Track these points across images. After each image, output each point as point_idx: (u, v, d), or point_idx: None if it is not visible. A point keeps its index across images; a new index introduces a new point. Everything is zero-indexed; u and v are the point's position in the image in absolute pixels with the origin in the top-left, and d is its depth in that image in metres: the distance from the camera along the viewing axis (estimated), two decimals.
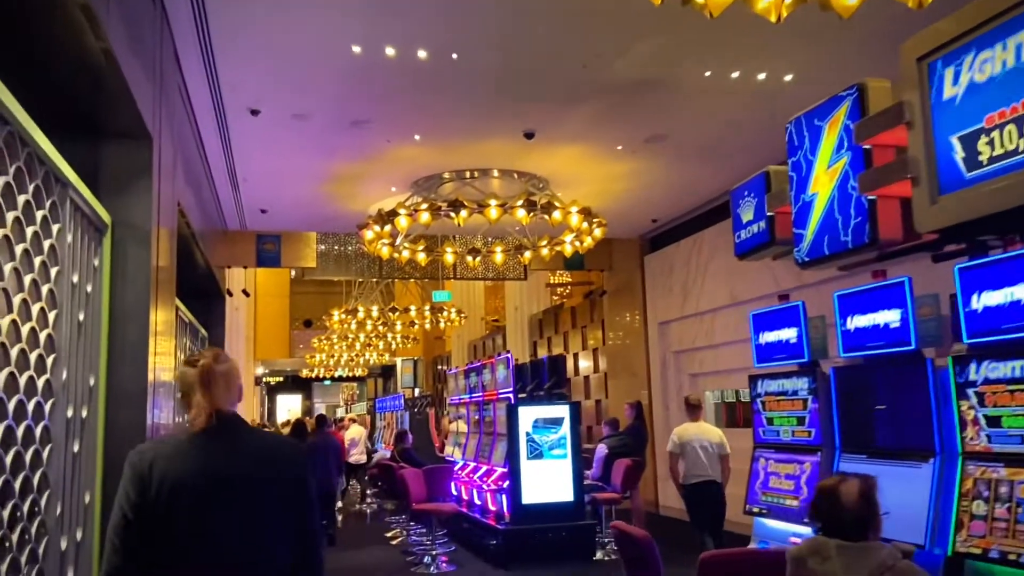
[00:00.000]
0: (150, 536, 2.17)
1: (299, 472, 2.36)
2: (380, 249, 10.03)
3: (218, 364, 2.36)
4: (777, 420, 4.95)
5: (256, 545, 2.23)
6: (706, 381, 11.78)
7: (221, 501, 2.21)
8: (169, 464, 2.23)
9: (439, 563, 7.89)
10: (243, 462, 2.29)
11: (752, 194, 5.13)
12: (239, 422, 2.39)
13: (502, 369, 8.52)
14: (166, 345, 5.85)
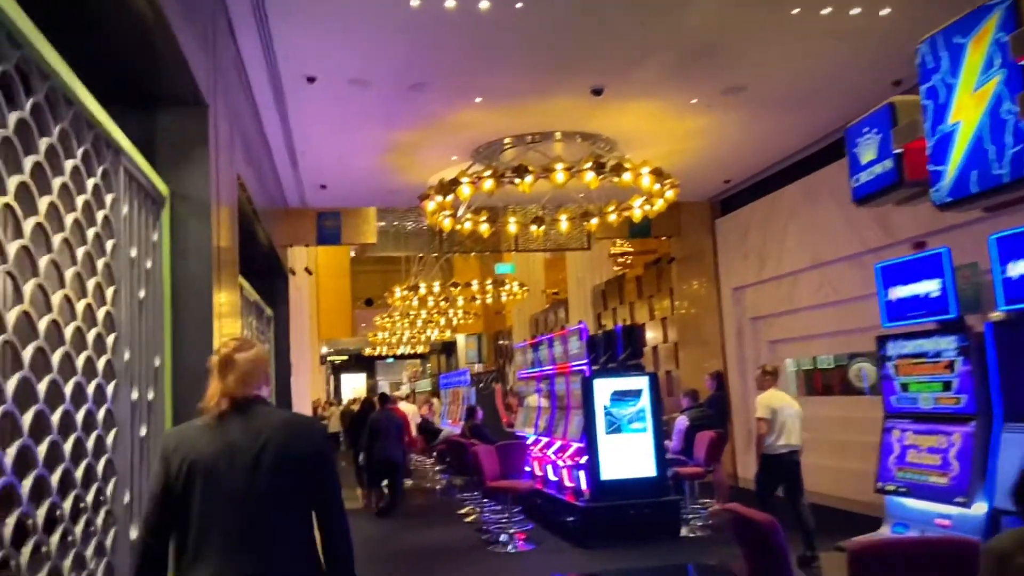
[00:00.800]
0: (175, 511, 2.34)
1: (315, 446, 2.47)
2: (442, 221, 9.73)
3: (238, 352, 2.51)
4: (915, 386, 4.40)
5: (269, 516, 2.35)
6: (786, 348, 11.19)
7: (234, 473, 2.34)
8: (188, 445, 2.40)
9: (516, 542, 7.62)
10: (256, 439, 2.39)
11: (874, 130, 4.57)
12: (256, 403, 2.49)
13: (575, 341, 8.13)
14: (232, 324, 5.63)
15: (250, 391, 2.50)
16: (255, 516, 2.35)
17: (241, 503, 2.34)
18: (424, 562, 7.47)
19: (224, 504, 2.34)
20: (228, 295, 5.49)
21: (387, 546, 8.23)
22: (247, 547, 2.33)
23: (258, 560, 2.33)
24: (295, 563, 2.38)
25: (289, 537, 2.38)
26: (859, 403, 9.69)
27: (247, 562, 2.32)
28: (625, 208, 9.82)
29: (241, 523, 2.34)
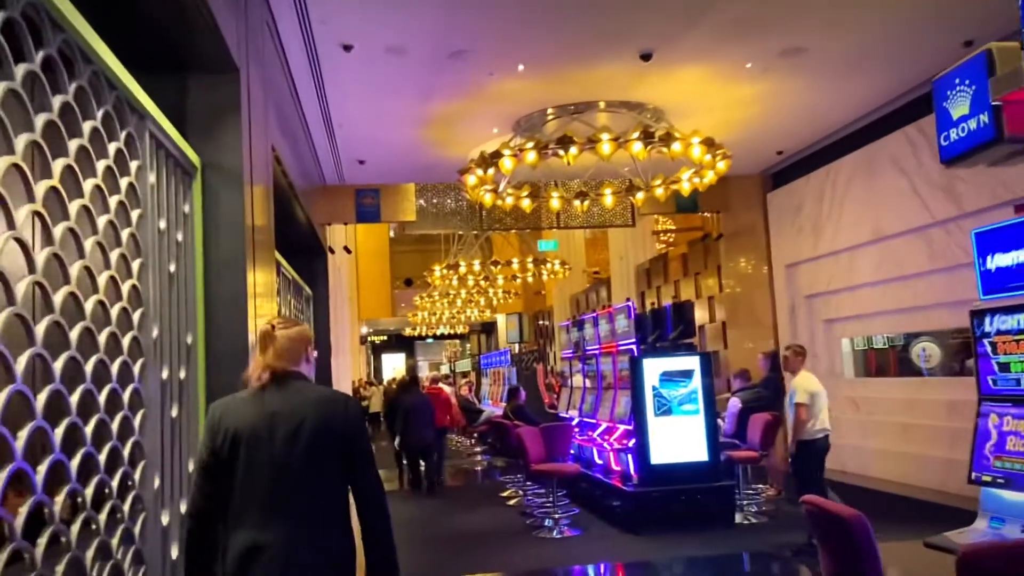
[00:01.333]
0: (222, 479, 2.46)
1: (349, 422, 2.56)
2: (483, 196, 9.42)
3: (278, 330, 2.66)
4: (1016, 366, 3.97)
5: (305, 486, 2.45)
6: (842, 327, 10.72)
7: (272, 443, 2.46)
8: (232, 415, 2.53)
9: (561, 527, 7.37)
10: (293, 411, 2.51)
11: (967, 82, 4.14)
12: (296, 378, 2.61)
13: (622, 319, 7.80)
14: (268, 303, 5.43)
15: (289, 366, 2.62)
16: (292, 485, 2.46)
17: (279, 471, 2.46)
18: (467, 546, 7.27)
19: (264, 472, 2.46)
20: (264, 271, 5.28)
21: (429, 529, 8.05)
22: (283, 514, 2.44)
23: (293, 526, 2.43)
24: (327, 532, 2.47)
25: (323, 507, 2.48)
26: (921, 385, 9.21)
27: (282, 528, 2.42)
28: (673, 181, 9.40)
29: (279, 491, 2.45)
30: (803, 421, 6.21)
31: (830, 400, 10.85)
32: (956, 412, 8.43)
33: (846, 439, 10.26)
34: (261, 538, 2.41)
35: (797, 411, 6.20)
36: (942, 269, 8.51)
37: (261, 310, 5.08)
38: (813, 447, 6.25)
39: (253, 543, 2.41)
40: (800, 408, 6.20)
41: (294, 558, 2.40)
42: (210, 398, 4.40)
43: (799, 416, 6.20)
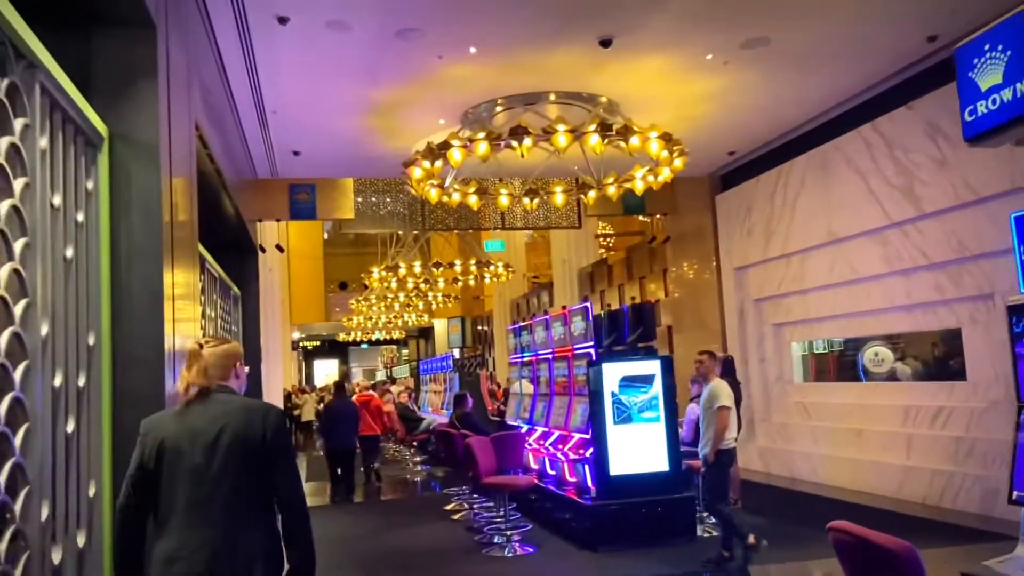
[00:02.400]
0: (148, 489, 2.59)
1: (270, 429, 2.67)
2: (428, 191, 8.89)
3: (205, 348, 2.76)
4: None
5: (225, 493, 2.57)
6: (794, 331, 10.54)
7: (193, 454, 2.59)
8: (158, 429, 2.67)
9: (513, 544, 6.86)
10: (214, 422, 2.63)
11: (1000, 47, 3.78)
12: (221, 393, 2.75)
13: (579, 321, 7.35)
14: (190, 307, 4.77)
15: (213, 382, 2.74)
16: (212, 492, 2.58)
17: (198, 480, 2.58)
18: (410, 567, 6.69)
19: (186, 481, 2.59)
20: (184, 266, 4.63)
21: (366, 547, 7.43)
22: (205, 520, 2.56)
23: (215, 532, 2.55)
24: (247, 534, 2.59)
25: (241, 511, 2.60)
26: (875, 390, 9.06)
27: (204, 534, 2.55)
28: (626, 180, 9.05)
29: (200, 498, 2.57)
30: (725, 428, 5.92)
31: (779, 405, 10.75)
32: (911, 418, 8.28)
33: (795, 445, 10.07)
34: (183, 543, 2.54)
35: (719, 416, 5.88)
36: (897, 272, 8.36)
37: (182, 313, 4.44)
38: (728, 456, 6.03)
39: (176, 548, 2.54)
40: (723, 413, 5.90)
41: (214, 561, 2.54)
42: (118, 409, 3.75)
43: (721, 422, 5.89)
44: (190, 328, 4.72)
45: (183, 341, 4.46)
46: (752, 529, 6.17)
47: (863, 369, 9.42)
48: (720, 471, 6.04)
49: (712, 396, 5.96)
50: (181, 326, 4.42)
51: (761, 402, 10.73)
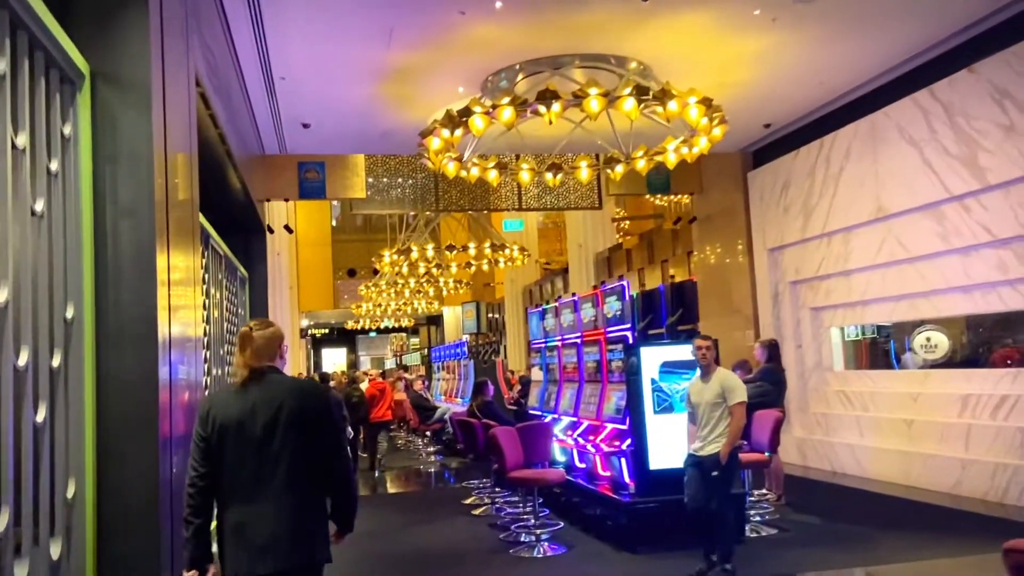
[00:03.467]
0: (213, 461, 2.85)
1: (321, 407, 2.96)
2: (445, 165, 8.29)
3: (256, 331, 3.00)
4: None
5: (286, 460, 2.84)
6: (834, 315, 9.92)
7: (254, 430, 2.85)
8: (219, 409, 2.91)
9: (543, 544, 6.30)
10: (272, 401, 2.88)
11: None
12: (272, 372, 2.99)
13: (614, 301, 6.76)
14: (187, 292, 4.20)
15: (264, 362, 2.96)
16: (273, 465, 2.82)
17: (261, 454, 2.83)
18: (432, 569, 6.14)
19: (247, 455, 2.83)
20: (183, 245, 4.05)
21: (384, 546, 6.89)
22: (266, 491, 2.81)
23: (275, 502, 2.81)
24: (304, 501, 2.85)
25: (300, 482, 2.85)
26: (927, 377, 8.44)
27: (266, 504, 2.81)
28: (657, 153, 8.44)
29: (261, 471, 2.82)
30: (742, 427, 5.29)
31: (817, 394, 10.14)
32: (969, 407, 7.68)
33: (837, 437, 9.48)
34: (247, 513, 2.80)
35: (737, 413, 5.20)
36: (955, 250, 7.74)
37: (181, 299, 3.88)
38: (737, 457, 5.34)
39: (241, 518, 2.80)
40: (743, 409, 5.24)
41: (281, 525, 2.79)
42: (103, 396, 3.18)
43: (741, 419, 5.23)
44: (190, 315, 4.16)
45: (183, 328, 3.91)
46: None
47: (912, 355, 8.80)
48: (730, 473, 5.35)
49: (728, 388, 5.22)
50: (181, 314, 3.86)
51: (797, 391, 10.13)
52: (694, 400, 5.38)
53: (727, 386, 5.25)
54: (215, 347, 6.83)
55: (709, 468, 5.16)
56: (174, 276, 3.68)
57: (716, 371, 5.37)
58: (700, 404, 5.31)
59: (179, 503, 3.58)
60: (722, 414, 5.22)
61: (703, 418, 5.27)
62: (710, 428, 5.24)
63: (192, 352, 4.18)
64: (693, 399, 5.39)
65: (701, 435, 5.28)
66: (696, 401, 5.35)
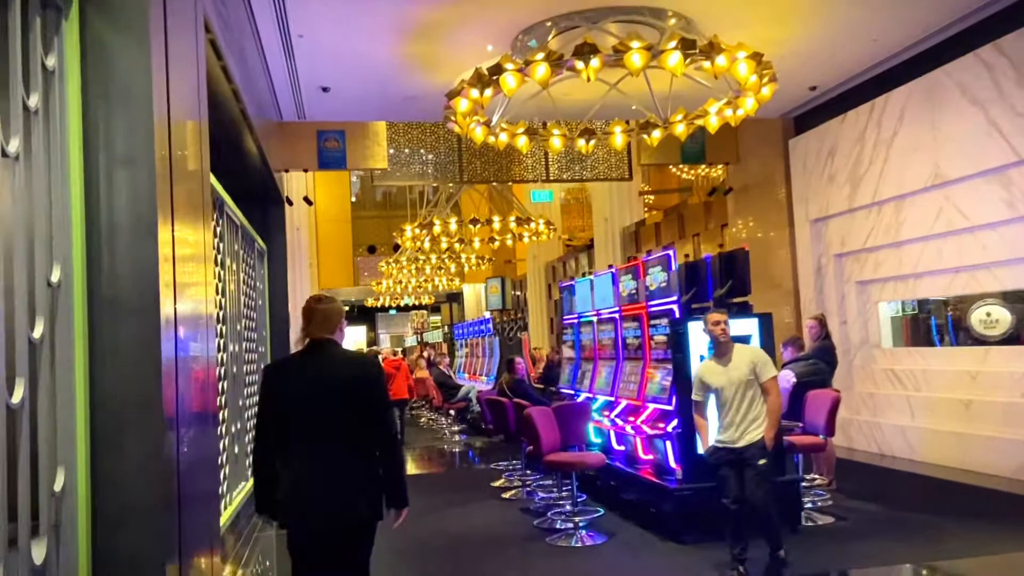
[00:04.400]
0: (277, 422, 3.13)
1: (373, 376, 3.23)
2: (473, 129, 7.80)
3: (318, 304, 3.27)
4: None
5: (342, 424, 3.13)
6: (883, 289, 9.36)
7: (317, 398, 3.12)
8: (283, 376, 3.24)
9: (581, 533, 5.88)
10: (330, 370, 3.17)
11: None
12: (331, 345, 3.25)
13: (658, 272, 6.27)
14: (196, 269, 3.78)
15: (327, 334, 3.24)
16: (330, 429, 3.12)
17: (320, 419, 3.12)
18: (464, 557, 5.74)
19: (308, 420, 3.12)
20: (190, 217, 3.62)
21: (411, 532, 6.50)
22: (324, 453, 3.11)
23: (332, 463, 3.12)
24: (359, 463, 3.16)
25: (354, 443, 3.15)
26: (988, 355, 7.89)
27: (323, 464, 3.11)
28: (697, 116, 7.91)
29: (321, 432, 3.12)
30: (780, 401, 4.76)
31: (864, 372, 9.61)
32: None
33: (885, 418, 8.97)
34: (306, 472, 3.11)
35: (773, 389, 4.66)
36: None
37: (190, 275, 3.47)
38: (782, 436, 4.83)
39: (302, 473, 3.11)
40: (775, 384, 4.69)
41: (333, 484, 3.10)
42: (97, 372, 2.77)
43: (775, 394, 4.68)
44: (200, 293, 3.74)
45: (192, 299, 3.50)
46: None
47: (971, 331, 8.25)
48: (774, 461, 4.85)
49: (760, 363, 4.65)
50: (190, 279, 3.44)
51: (842, 369, 9.54)
52: (715, 384, 4.72)
53: (758, 361, 4.70)
54: (231, 322, 6.45)
55: (752, 459, 4.59)
56: (179, 236, 3.26)
57: (735, 348, 4.80)
58: (725, 387, 4.68)
59: (189, 490, 3.19)
60: (756, 394, 4.66)
61: (731, 403, 4.66)
62: (744, 412, 4.65)
63: (203, 327, 3.76)
64: (713, 383, 4.73)
65: (732, 422, 4.65)
66: (718, 385, 4.70)
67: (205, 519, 3.68)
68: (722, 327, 4.71)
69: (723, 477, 4.69)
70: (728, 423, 4.69)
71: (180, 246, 3.27)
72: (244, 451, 6.81)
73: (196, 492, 3.40)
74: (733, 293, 6.04)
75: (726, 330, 4.72)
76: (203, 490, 3.63)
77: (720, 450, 4.72)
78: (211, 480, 3.83)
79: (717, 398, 4.75)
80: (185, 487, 3.12)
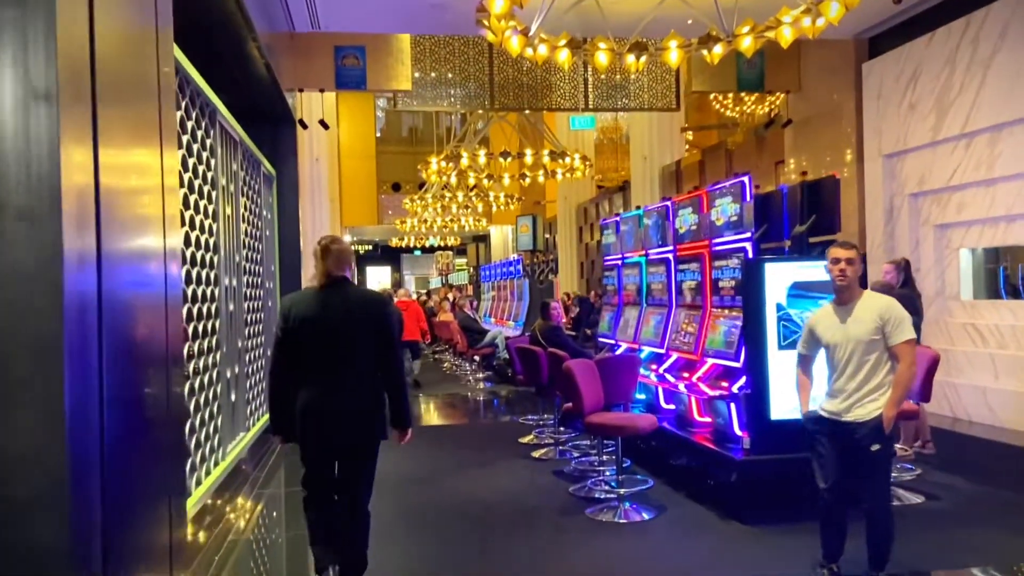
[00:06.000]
0: (291, 351, 3.51)
1: (382, 311, 3.61)
2: (508, 38, 6.78)
3: (332, 244, 3.58)
4: None
5: (354, 353, 3.51)
6: (966, 233, 8.29)
7: (328, 326, 3.51)
8: (300, 307, 3.55)
9: (626, 506, 5.06)
10: (345, 305, 3.55)
11: None
12: (344, 281, 3.60)
13: (728, 204, 5.27)
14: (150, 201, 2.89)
15: (340, 272, 3.58)
16: (342, 356, 3.50)
17: (333, 346, 3.49)
18: (493, 528, 4.94)
19: (322, 346, 3.48)
20: (139, 119, 2.71)
21: (430, 496, 5.75)
22: (336, 376, 3.49)
23: (343, 384, 3.50)
24: (365, 389, 3.54)
25: (362, 372, 3.53)
26: None
27: (335, 385, 3.49)
28: (768, 28, 6.80)
29: (333, 358, 3.49)
30: (914, 373, 3.71)
31: (939, 327, 8.60)
32: None
33: (963, 378, 8.00)
34: (320, 392, 3.47)
35: (903, 354, 3.58)
36: None
37: (129, 206, 2.58)
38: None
39: (315, 396, 3.47)
40: (910, 350, 3.60)
41: (342, 406, 3.48)
42: None
43: (909, 363, 3.58)
44: (151, 225, 2.85)
45: (135, 217, 2.63)
46: None
47: None
48: (893, 446, 3.89)
49: (893, 320, 3.58)
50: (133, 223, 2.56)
51: None
52: (827, 339, 3.72)
53: (889, 317, 3.58)
54: (228, 253, 5.60)
55: (862, 440, 3.58)
56: (112, 162, 2.36)
57: (863, 296, 3.73)
58: (840, 344, 3.67)
59: (114, 474, 2.35)
60: (880, 359, 3.60)
61: (844, 365, 3.65)
62: (861, 380, 3.61)
63: (158, 258, 2.90)
64: (825, 337, 3.73)
65: (844, 389, 3.64)
66: (832, 340, 3.70)
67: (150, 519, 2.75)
68: (842, 267, 3.66)
69: (820, 455, 3.76)
70: (837, 389, 3.69)
71: (111, 174, 2.38)
72: (243, 398, 6.04)
73: (136, 478, 2.57)
74: (818, 230, 5.07)
75: (846, 272, 3.65)
76: (151, 473, 2.79)
77: (822, 420, 3.77)
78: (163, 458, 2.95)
79: (828, 356, 3.76)
80: (113, 470, 2.29)
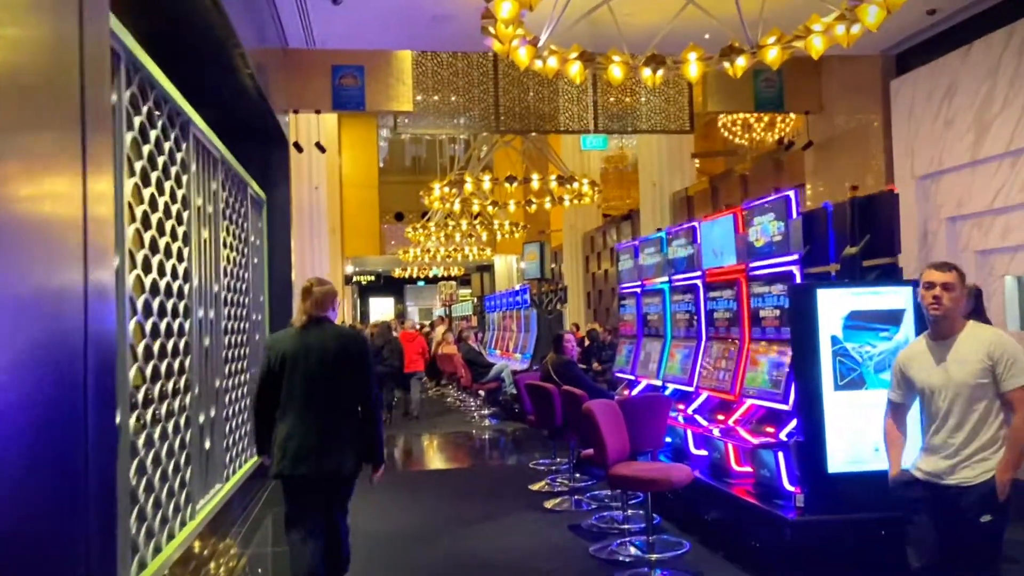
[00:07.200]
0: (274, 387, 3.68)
1: (359, 350, 3.79)
2: (515, 49, 6.24)
3: (315, 287, 3.78)
4: None
5: (333, 392, 3.67)
6: (1011, 260, 7.66)
7: (310, 365, 3.66)
8: (283, 343, 3.75)
9: (656, 574, 4.37)
10: (322, 343, 3.70)
11: None
12: (325, 321, 3.79)
13: (770, 222, 4.63)
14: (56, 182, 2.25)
15: (321, 312, 3.75)
16: (320, 392, 3.65)
17: (311, 382, 3.65)
18: None
19: (301, 383, 3.65)
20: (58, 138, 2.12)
21: (426, 556, 5.05)
22: (314, 411, 3.63)
23: (320, 420, 3.62)
24: (341, 423, 3.68)
25: (338, 407, 3.68)
26: None
27: (313, 421, 3.61)
28: (796, 37, 6.26)
29: (311, 395, 3.64)
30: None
31: None
32: None
33: None
34: (298, 427, 3.61)
35: (1018, 403, 2.84)
36: None
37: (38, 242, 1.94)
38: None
39: (293, 429, 3.61)
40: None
41: (319, 440, 3.60)
42: None
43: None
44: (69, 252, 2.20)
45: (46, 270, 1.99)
46: None
47: None
48: (1008, 516, 2.98)
49: (1006, 360, 2.86)
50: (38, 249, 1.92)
51: None
52: (921, 382, 3.03)
53: (1001, 355, 2.86)
54: (204, 282, 4.98)
55: (969, 509, 2.88)
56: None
57: (966, 328, 2.99)
58: (938, 390, 2.96)
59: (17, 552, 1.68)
60: (990, 407, 2.89)
61: (945, 415, 2.95)
62: (967, 435, 2.91)
63: (74, 298, 2.26)
64: (919, 380, 3.03)
65: (944, 445, 2.96)
66: (928, 384, 3.00)
67: None
68: (936, 292, 2.95)
69: (917, 526, 3.08)
70: (937, 445, 2.98)
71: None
72: (221, 445, 5.38)
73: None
74: (873, 252, 4.45)
75: (942, 299, 2.93)
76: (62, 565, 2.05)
77: (918, 484, 3.08)
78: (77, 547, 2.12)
79: (923, 404, 3.07)
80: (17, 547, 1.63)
